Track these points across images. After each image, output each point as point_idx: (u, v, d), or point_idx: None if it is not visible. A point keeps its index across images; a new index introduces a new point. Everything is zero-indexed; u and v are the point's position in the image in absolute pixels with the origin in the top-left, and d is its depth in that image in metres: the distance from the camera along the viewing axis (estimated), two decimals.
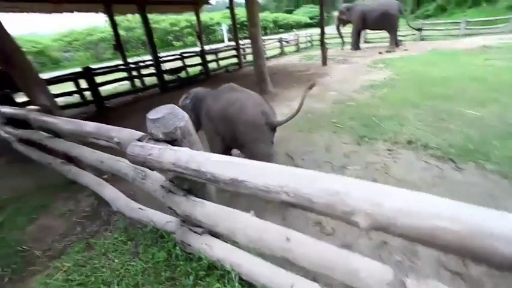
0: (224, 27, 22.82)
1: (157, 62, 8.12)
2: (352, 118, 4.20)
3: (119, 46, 9.40)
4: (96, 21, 28.86)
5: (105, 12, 8.99)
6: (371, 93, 5.40)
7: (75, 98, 7.31)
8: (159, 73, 8.21)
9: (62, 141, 2.62)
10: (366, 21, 10.58)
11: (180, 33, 31.29)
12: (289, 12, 50.68)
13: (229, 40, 23.63)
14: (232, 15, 10.65)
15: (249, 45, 13.07)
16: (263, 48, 6.18)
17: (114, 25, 9.18)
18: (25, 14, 8.20)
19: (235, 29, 11.04)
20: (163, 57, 8.85)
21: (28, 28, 32.93)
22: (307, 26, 46.48)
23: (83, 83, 6.95)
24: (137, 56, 11.79)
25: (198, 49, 10.32)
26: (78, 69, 7.00)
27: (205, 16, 32.98)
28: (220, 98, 2.52)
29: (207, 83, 9.04)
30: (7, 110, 3.26)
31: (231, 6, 10.56)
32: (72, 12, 9.08)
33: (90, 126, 1.87)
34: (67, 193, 2.95)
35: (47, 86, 2.80)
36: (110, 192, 2.30)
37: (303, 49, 16.11)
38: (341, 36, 12.01)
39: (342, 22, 11.68)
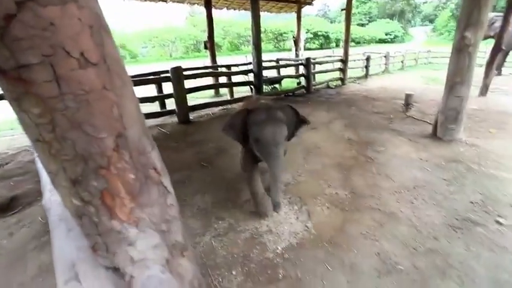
0: (303, 36, 20.75)
1: (259, 69, 6.20)
2: None
3: (211, 44, 7.90)
4: (174, 21, 29.42)
5: (205, 5, 7.55)
6: None
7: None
8: (258, 82, 6.30)
9: None
10: None
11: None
12: (361, 26, 46.37)
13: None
14: (348, 17, 8.42)
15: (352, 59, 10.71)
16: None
17: (210, 20, 7.67)
18: None
19: (347, 36, 8.73)
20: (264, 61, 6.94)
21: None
22: (381, 42, 42.02)
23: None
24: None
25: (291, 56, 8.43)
26: (157, 66, 5.38)
27: (278, 24, 31.69)
28: None
29: (310, 101, 6.88)
30: None
31: (347, 8, 8.38)
32: (166, 1, 7.90)
33: None
34: None
35: None
36: None
37: (408, 67, 13.35)
38: None
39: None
